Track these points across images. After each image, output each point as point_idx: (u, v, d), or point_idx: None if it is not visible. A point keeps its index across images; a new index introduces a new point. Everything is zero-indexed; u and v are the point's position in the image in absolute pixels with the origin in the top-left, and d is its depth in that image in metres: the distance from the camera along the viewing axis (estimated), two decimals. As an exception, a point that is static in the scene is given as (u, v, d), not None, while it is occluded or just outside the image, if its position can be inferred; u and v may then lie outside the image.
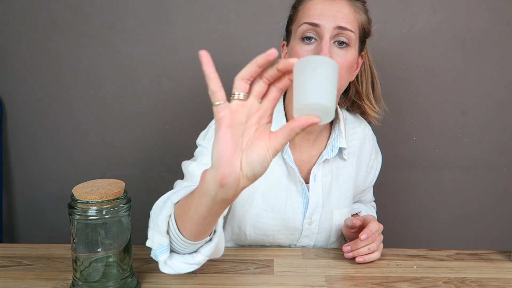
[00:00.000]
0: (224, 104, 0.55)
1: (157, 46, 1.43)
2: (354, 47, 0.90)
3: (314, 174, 1.00)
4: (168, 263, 0.74)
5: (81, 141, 1.50)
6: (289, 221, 1.00)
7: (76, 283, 0.76)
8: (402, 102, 1.47)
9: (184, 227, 0.69)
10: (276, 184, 0.99)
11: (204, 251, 0.74)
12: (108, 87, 1.47)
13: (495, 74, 1.45)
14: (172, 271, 0.74)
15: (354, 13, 0.90)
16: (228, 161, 0.55)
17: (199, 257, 0.73)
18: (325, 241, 1.04)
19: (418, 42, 1.42)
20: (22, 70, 1.46)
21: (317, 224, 1.02)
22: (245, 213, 1.00)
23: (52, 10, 1.41)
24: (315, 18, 0.87)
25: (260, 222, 1.00)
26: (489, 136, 1.49)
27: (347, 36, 0.88)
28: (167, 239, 0.72)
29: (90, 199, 0.73)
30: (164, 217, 0.71)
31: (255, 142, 0.56)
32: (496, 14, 1.41)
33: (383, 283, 0.85)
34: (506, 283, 0.85)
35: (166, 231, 0.72)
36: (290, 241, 1.03)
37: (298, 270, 0.89)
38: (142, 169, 1.51)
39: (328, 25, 0.86)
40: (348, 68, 0.90)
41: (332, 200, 1.03)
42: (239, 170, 0.56)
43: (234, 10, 1.41)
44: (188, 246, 0.72)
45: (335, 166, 1.03)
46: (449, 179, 1.52)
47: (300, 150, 1.02)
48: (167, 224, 0.71)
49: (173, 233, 0.71)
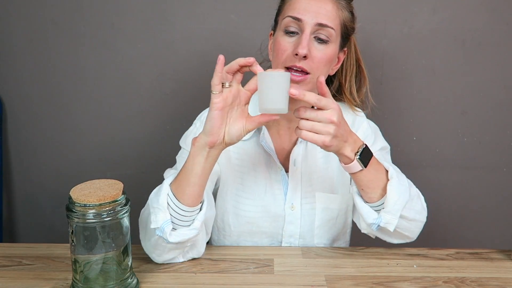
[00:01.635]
0: (219, 94, 0.79)
1: (157, 46, 1.43)
2: (334, 43, 0.94)
3: (293, 158, 1.02)
4: (174, 233, 0.84)
5: (81, 141, 1.50)
6: (271, 207, 1.02)
7: (76, 284, 0.76)
8: (402, 102, 1.47)
9: (183, 194, 0.84)
10: (254, 172, 1.03)
11: (198, 217, 0.87)
12: (108, 87, 1.47)
13: (495, 74, 1.45)
14: (178, 238, 0.84)
15: (337, 10, 0.94)
16: (216, 132, 0.81)
17: (196, 223, 0.86)
18: (310, 225, 1.04)
19: (418, 42, 1.42)
20: (22, 70, 1.46)
21: (299, 209, 1.03)
22: (225, 203, 1.03)
23: (52, 10, 1.41)
24: (299, 13, 0.92)
25: (241, 210, 1.02)
26: (489, 136, 1.49)
27: (327, 33, 0.92)
28: (168, 214, 0.84)
29: (88, 202, 0.72)
30: (164, 195, 0.85)
31: (236, 121, 0.82)
32: (496, 14, 1.41)
33: (383, 283, 0.85)
34: (506, 283, 0.85)
35: (167, 207, 0.84)
36: (275, 229, 1.04)
37: (298, 270, 0.89)
38: (142, 169, 1.51)
39: (310, 21, 0.91)
40: (326, 62, 0.94)
41: (315, 184, 1.04)
42: (222, 138, 0.82)
43: (234, 10, 1.41)
44: (185, 215, 0.85)
45: (314, 150, 1.05)
46: (449, 179, 1.52)
47: (282, 138, 1.04)
48: (166, 201, 0.84)
49: (173, 206, 0.85)
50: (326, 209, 1.04)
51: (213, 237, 1.07)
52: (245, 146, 1.04)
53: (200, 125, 1.04)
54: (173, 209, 0.85)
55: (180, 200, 0.84)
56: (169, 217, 0.84)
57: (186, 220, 0.86)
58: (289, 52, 0.92)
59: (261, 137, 1.01)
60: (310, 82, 0.93)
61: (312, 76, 0.93)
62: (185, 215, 0.85)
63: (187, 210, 0.85)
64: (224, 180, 1.04)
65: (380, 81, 1.44)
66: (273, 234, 1.04)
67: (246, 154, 1.03)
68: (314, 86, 0.94)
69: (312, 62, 0.91)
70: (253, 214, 1.03)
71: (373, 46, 1.41)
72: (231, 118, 0.82)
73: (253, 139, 1.04)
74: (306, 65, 0.91)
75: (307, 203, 1.03)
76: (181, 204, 0.84)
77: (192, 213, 0.86)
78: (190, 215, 0.86)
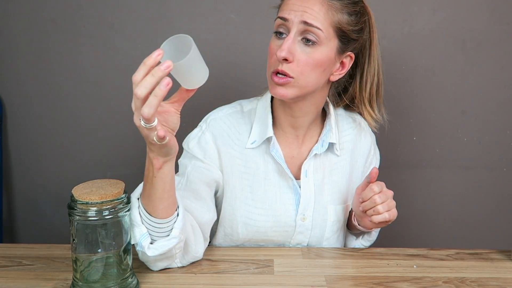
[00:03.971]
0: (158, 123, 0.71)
1: (157, 46, 1.42)
2: (325, 46, 0.90)
3: (305, 169, 1.01)
4: (152, 246, 0.82)
5: (81, 141, 1.50)
6: (281, 217, 1.01)
7: (76, 283, 0.76)
8: (402, 102, 1.47)
9: (156, 209, 0.81)
10: (265, 181, 1.01)
11: (177, 225, 0.83)
12: (108, 87, 1.47)
13: (495, 74, 1.45)
14: (157, 251, 0.82)
15: (326, 12, 0.89)
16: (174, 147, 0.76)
17: (174, 232, 0.83)
18: (320, 237, 1.04)
19: (418, 42, 1.42)
20: (22, 70, 1.46)
21: (311, 220, 1.02)
22: (234, 212, 1.01)
23: (52, 10, 1.41)
24: (285, 12, 0.90)
25: (251, 219, 1.01)
26: (489, 136, 1.49)
27: (315, 33, 0.88)
28: (144, 228, 0.82)
29: (90, 200, 0.73)
30: (135, 211, 0.82)
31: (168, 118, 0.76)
32: (496, 14, 1.41)
33: (383, 283, 0.85)
34: (506, 283, 0.85)
35: (141, 222, 0.82)
36: (284, 238, 1.03)
37: (298, 270, 0.89)
38: (142, 169, 1.50)
39: (295, 19, 0.89)
40: (314, 66, 0.90)
41: (326, 196, 1.03)
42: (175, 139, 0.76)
43: (234, 10, 1.41)
44: (162, 227, 0.82)
45: (327, 162, 1.04)
46: (449, 179, 1.52)
47: (290, 146, 1.03)
48: (139, 216, 0.82)
49: (147, 220, 0.81)
50: (337, 221, 1.04)
51: (219, 241, 1.05)
52: (251, 154, 1.01)
53: (207, 128, 1.01)
54: (148, 223, 0.82)
55: (153, 215, 0.81)
56: (145, 230, 0.81)
57: (164, 231, 0.83)
58: (275, 56, 0.90)
59: (271, 147, 0.99)
60: (294, 86, 0.90)
61: (297, 79, 0.90)
62: (161, 227, 0.82)
63: (162, 222, 0.82)
64: (231, 189, 1.01)
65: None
66: (281, 243, 1.04)
67: (255, 163, 1.01)
68: (299, 90, 0.91)
69: (296, 66, 0.89)
70: (263, 223, 1.01)
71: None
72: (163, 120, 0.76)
73: (262, 148, 1.01)
74: (288, 69, 0.89)
75: (319, 215, 1.02)
76: (155, 218, 0.81)
77: (168, 223, 0.83)
78: (166, 225, 0.83)
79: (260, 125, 1.01)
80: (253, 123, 1.02)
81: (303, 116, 0.99)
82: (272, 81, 0.92)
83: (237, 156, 1.00)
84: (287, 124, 1.01)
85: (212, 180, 0.99)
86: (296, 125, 1.01)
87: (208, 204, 0.98)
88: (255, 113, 1.03)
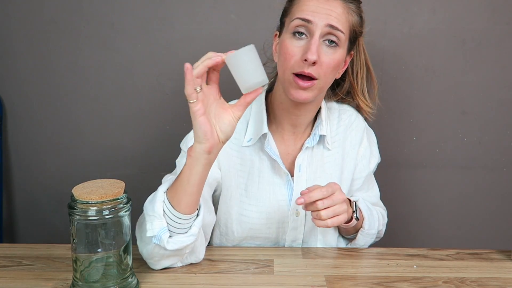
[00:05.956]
0: (197, 101, 0.76)
1: (157, 46, 1.43)
2: (342, 48, 0.93)
3: (298, 164, 1.02)
4: (171, 240, 0.82)
5: (81, 141, 1.50)
6: (275, 214, 1.02)
7: (76, 283, 0.76)
8: (402, 102, 1.47)
9: (180, 203, 0.82)
10: (259, 178, 1.01)
11: (196, 223, 0.85)
12: (108, 87, 1.47)
13: (495, 74, 1.45)
14: (175, 245, 0.82)
15: (347, 14, 0.92)
16: (210, 136, 0.78)
17: (193, 229, 0.84)
18: (313, 231, 1.04)
19: (418, 42, 1.42)
20: (22, 70, 1.46)
21: (304, 214, 1.02)
22: (229, 210, 1.02)
23: (52, 10, 1.41)
24: (308, 14, 0.90)
25: (245, 216, 1.01)
26: (489, 136, 1.49)
27: (337, 36, 0.90)
28: (165, 221, 0.82)
29: (90, 199, 0.73)
30: (159, 203, 0.82)
31: (221, 115, 0.79)
32: (496, 14, 1.41)
33: (383, 283, 0.85)
34: (506, 283, 0.85)
35: (163, 215, 0.82)
36: (278, 235, 1.04)
37: (298, 270, 0.89)
38: (142, 169, 1.51)
39: (320, 23, 0.89)
40: (334, 67, 0.93)
41: None
42: (218, 139, 0.79)
43: (234, 10, 1.41)
44: (182, 223, 0.83)
45: (319, 156, 1.04)
46: (449, 179, 1.52)
47: (286, 143, 1.04)
48: (162, 209, 0.82)
49: (169, 214, 0.82)
50: None
51: (215, 241, 1.06)
52: (247, 152, 1.02)
53: None
54: (170, 217, 0.82)
55: (177, 208, 0.82)
56: (165, 224, 0.82)
57: (183, 227, 0.84)
58: (297, 57, 0.90)
59: (266, 144, 1.00)
60: (316, 88, 0.93)
61: (319, 81, 0.92)
62: (182, 222, 0.83)
63: (184, 218, 0.83)
64: (227, 186, 1.02)
65: (380, 81, 1.43)
66: (276, 239, 1.04)
67: (250, 160, 1.02)
68: (318, 91, 0.94)
69: (320, 68, 0.90)
70: (257, 220, 1.02)
71: (373, 46, 1.40)
72: (214, 116, 0.79)
73: (257, 145, 1.02)
74: (314, 71, 0.90)
75: None
76: (178, 212, 0.82)
77: (189, 220, 0.84)
78: (187, 222, 0.84)
79: (255, 123, 1.02)
80: (249, 121, 1.03)
81: (305, 114, 1.01)
82: (295, 84, 0.91)
83: (234, 154, 1.01)
84: (288, 122, 1.02)
85: (213, 180, 0.99)
86: (297, 123, 1.02)
87: (209, 206, 0.98)
88: (250, 111, 1.04)
